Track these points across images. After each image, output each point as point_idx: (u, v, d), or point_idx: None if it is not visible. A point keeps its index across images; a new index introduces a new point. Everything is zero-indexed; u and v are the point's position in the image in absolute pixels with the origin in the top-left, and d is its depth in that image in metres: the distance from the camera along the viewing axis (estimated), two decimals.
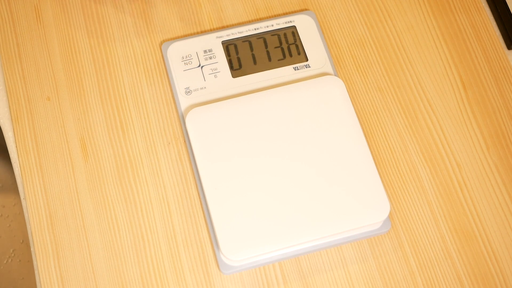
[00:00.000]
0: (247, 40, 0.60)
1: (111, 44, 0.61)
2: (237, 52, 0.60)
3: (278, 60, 0.60)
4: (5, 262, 0.66)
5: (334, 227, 0.52)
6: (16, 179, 0.56)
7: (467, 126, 0.59)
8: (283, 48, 0.60)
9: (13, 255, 0.66)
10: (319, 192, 0.53)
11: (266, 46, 0.60)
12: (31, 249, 0.54)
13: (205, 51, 0.60)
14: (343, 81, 0.60)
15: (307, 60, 0.60)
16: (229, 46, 0.60)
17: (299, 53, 0.60)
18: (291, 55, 0.60)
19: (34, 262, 0.54)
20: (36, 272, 0.53)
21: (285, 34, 0.61)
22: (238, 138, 0.55)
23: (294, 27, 0.61)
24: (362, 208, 0.53)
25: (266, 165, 0.54)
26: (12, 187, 0.68)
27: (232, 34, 0.60)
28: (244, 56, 0.60)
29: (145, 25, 0.62)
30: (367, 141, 0.58)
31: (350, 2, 0.64)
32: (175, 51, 0.60)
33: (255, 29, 0.61)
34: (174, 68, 0.59)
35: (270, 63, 0.59)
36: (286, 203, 0.53)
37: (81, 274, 0.53)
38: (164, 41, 0.61)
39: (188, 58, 0.59)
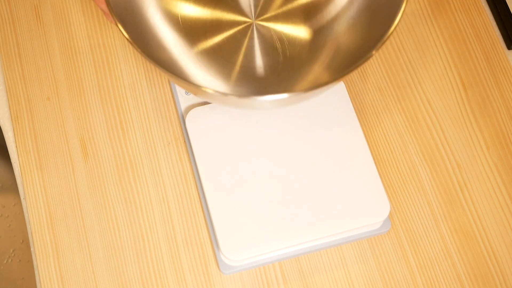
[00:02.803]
0: None
1: (111, 44, 0.61)
2: None
3: None
4: (5, 262, 0.66)
5: (334, 227, 0.52)
6: (16, 179, 0.56)
7: (467, 126, 0.59)
8: None
9: (13, 255, 0.66)
10: (319, 192, 0.53)
11: None
12: (31, 249, 0.54)
13: None
14: (343, 81, 0.60)
15: None
16: None
17: None
18: None
19: (34, 262, 0.54)
20: (36, 272, 0.53)
21: None
22: (238, 139, 0.55)
23: None
24: (362, 208, 0.53)
25: (265, 165, 0.54)
26: (12, 187, 0.68)
27: None
28: None
29: None
30: (367, 141, 0.58)
31: None
32: None
33: None
34: None
35: None
36: (286, 203, 0.53)
37: (81, 274, 0.53)
38: None
39: None
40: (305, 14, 0.58)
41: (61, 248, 0.54)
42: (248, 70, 0.56)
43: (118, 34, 0.61)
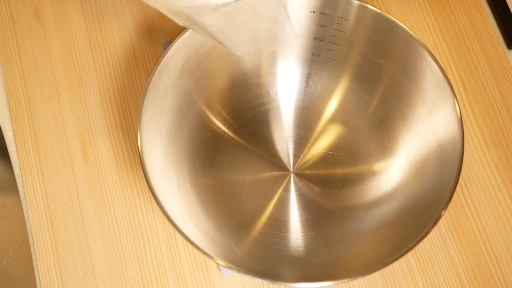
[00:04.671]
0: None
1: (111, 44, 0.61)
2: None
3: None
4: (5, 262, 0.66)
5: None
6: (16, 179, 0.56)
7: (467, 126, 0.59)
8: None
9: (13, 255, 0.66)
10: None
11: None
12: (31, 249, 0.54)
13: None
14: None
15: None
16: None
17: None
18: None
19: (34, 262, 0.54)
20: (36, 272, 0.53)
21: None
22: None
23: None
24: None
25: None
26: (12, 187, 0.68)
27: None
28: None
29: (145, 25, 0.62)
30: None
31: None
32: None
33: None
34: None
35: None
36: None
37: (81, 274, 0.53)
38: (164, 41, 0.61)
39: None
40: None
41: (61, 248, 0.54)
42: None
43: (118, 33, 0.61)
